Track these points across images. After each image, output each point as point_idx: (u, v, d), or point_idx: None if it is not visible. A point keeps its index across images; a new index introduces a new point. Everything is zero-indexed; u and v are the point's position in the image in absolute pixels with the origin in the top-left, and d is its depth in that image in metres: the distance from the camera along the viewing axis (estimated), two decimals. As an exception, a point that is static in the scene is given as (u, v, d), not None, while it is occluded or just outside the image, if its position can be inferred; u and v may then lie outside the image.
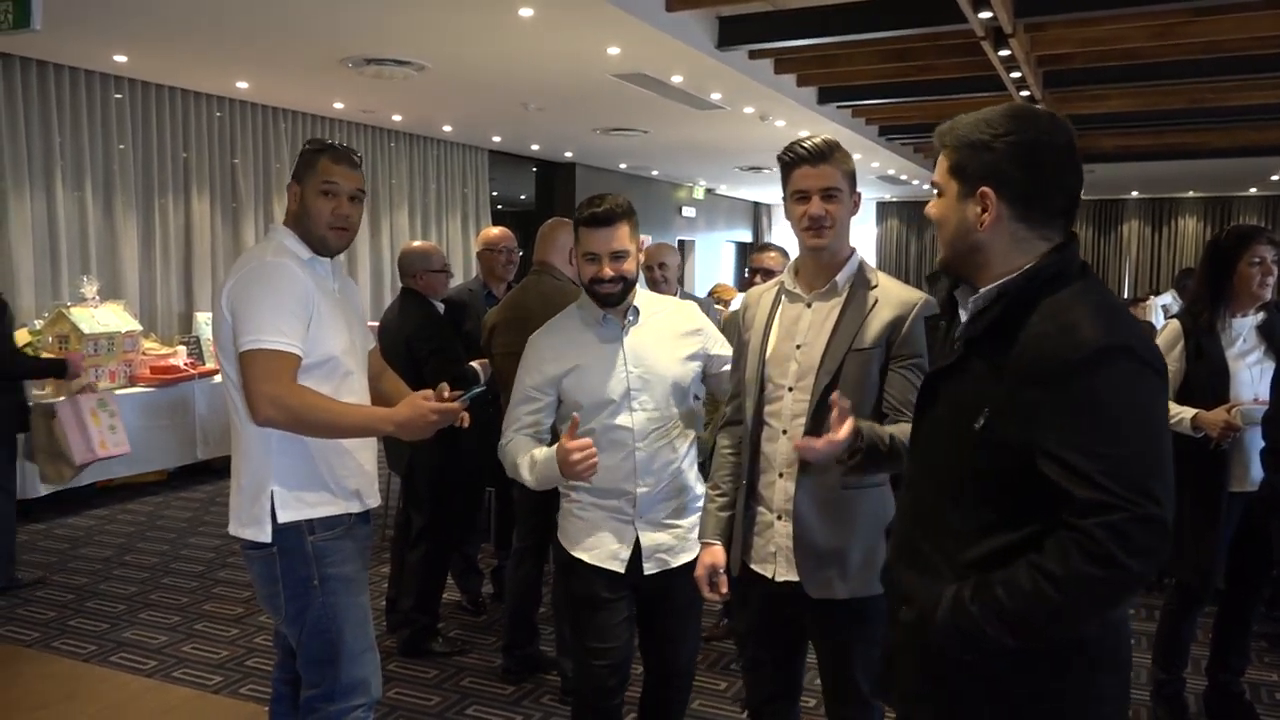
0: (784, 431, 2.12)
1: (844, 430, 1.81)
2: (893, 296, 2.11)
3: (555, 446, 2.28)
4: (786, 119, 9.01)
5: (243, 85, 7.80)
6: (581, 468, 2.22)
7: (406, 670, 3.74)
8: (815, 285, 2.15)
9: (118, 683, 3.64)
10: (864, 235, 18.30)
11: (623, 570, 2.43)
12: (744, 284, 4.29)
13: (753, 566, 2.20)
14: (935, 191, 1.59)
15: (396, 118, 9.25)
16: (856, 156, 11.65)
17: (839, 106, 9.08)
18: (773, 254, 4.08)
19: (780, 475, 2.13)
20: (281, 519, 2.17)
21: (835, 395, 1.84)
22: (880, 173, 13.73)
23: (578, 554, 2.47)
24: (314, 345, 2.18)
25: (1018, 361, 1.43)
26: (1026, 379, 1.41)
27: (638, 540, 2.44)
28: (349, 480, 2.26)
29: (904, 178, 14.47)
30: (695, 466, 2.56)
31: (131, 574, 4.88)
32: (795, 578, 2.12)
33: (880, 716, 2.22)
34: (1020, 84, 7.41)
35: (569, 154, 12.04)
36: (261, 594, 2.32)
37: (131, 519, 5.92)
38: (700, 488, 2.51)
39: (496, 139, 10.90)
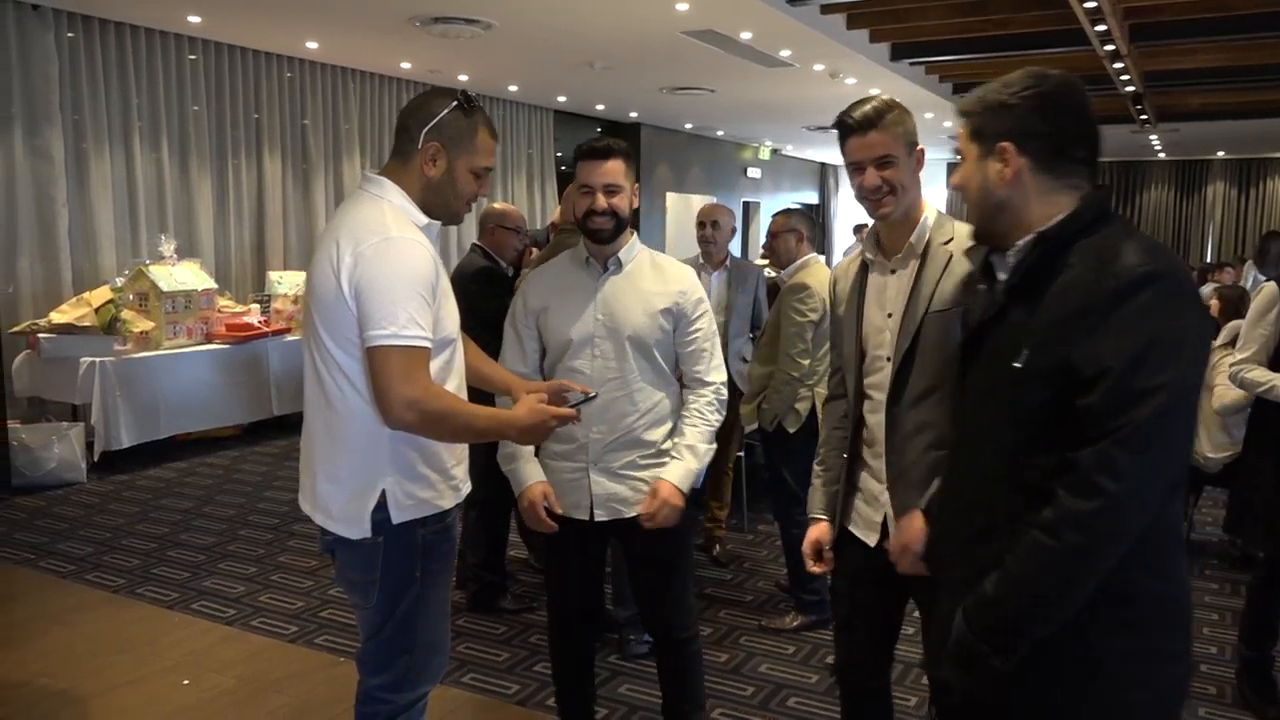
0: (887, 403, 2.11)
1: None
2: (967, 247, 2.05)
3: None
4: (857, 76, 8.80)
5: (312, 45, 7.85)
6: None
7: (476, 626, 3.79)
8: (894, 250, 2.12)
9: (198, 629, 3.76)
10: (933, 197, 17.84)
11: (586, 518, 2.51)
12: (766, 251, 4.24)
13: (852, 529, 2.20)
14: (958, 162, 1.65)
15: (463, 78, 9.24)
16: (928, 115, 11.34)
17: (911, 63, 8.84)
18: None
19: (885, 446, 2.12)
20: (396, 519, 1.98)
21: None
22: (953, 132, 13.36)
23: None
24: (437, 328, 1.96)
25: (1058, 299, 1.47)
26: (1067, 314, 1.45)
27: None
28: (456, 469, 2.10)
29: (977, 137, 14.06)
30: (665, 426, 2.53)
31: (210, 525, 5.02)
32: None
33: None
34: (1105, 37, 7.11)
35: (634, 114, 11.94)
36: (351, 579, 2.10)
37: (209, 472, 6.09)
38: (670, 450, 2.51)
39: (562, 99, 10.85)
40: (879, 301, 2.13)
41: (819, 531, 2.24)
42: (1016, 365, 1.50)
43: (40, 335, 6.02)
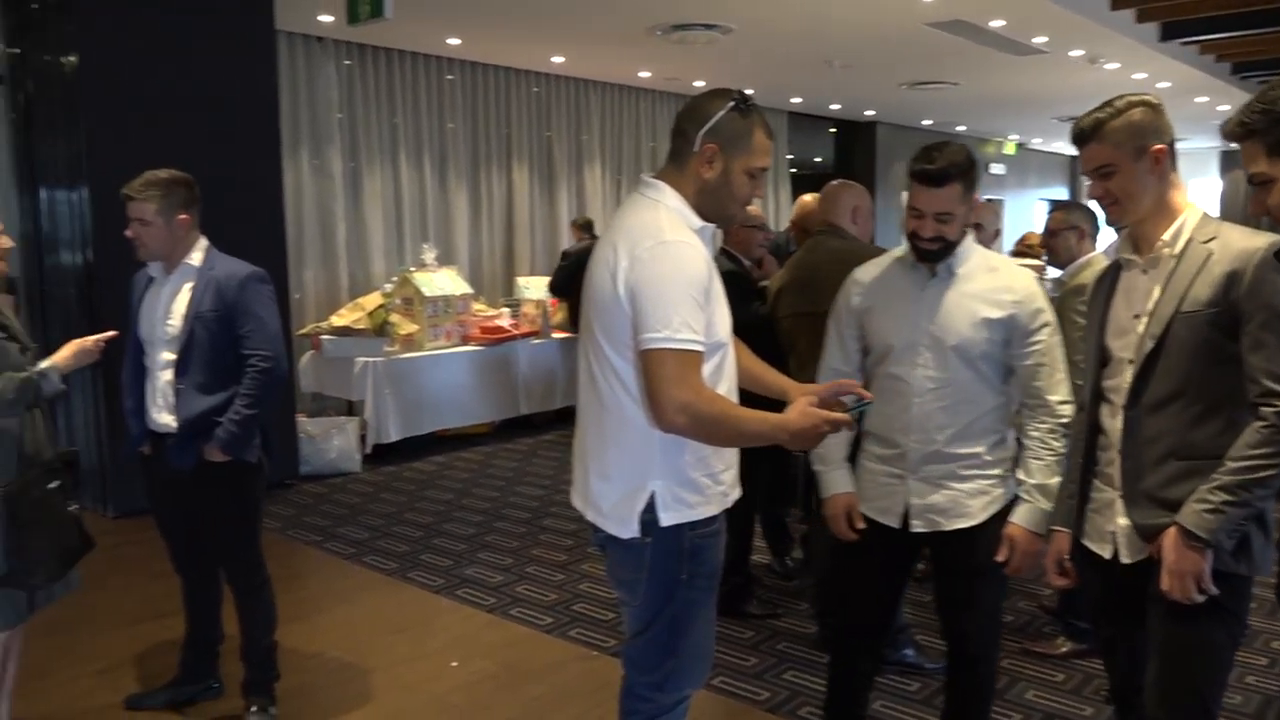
0: (1124, 406, 1.99)
1: None
2: (1231, 248, 1.89)
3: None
4: (1120, 60, 8.16)
5: (558, 60, 8.20)
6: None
7: (723, 629, 3.75)
8: (1146, 250, 2.02)
9: (463, 614, 3.99)
10: (1206, 188, 16.31)
11: (896, 525, 2.43)
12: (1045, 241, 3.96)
13: (1086, 543, 2.10)
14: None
15: (699, 83, 9.34)
16: (1199, 100, 10.33)
17: (1183, 43, 8.09)
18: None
19: (1120, 452, 2.00)
20: (664, 521, 1.99)
21: None
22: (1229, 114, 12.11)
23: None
24: (709, 331, 1.95)
25: None
26: None
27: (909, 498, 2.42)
28: (725, 475, 2.08)
29: (1257, 121, 12.68)
30: (990, 438, 2.38)
31: (468, 517, 5.33)
32: (1141, 557, 1.97)
33: None
34: None
35: (870, 112, 11.66)
36: (619, 576, 2.13)
37: (465, 466, 6.47)
38: (996, 463, 2.39)
39: (796, 100, 10.76)
40: (1127, 301, 2.04)
41: (1059, 543, 2.18)
42: None
43: (322, 337, 6.63)
